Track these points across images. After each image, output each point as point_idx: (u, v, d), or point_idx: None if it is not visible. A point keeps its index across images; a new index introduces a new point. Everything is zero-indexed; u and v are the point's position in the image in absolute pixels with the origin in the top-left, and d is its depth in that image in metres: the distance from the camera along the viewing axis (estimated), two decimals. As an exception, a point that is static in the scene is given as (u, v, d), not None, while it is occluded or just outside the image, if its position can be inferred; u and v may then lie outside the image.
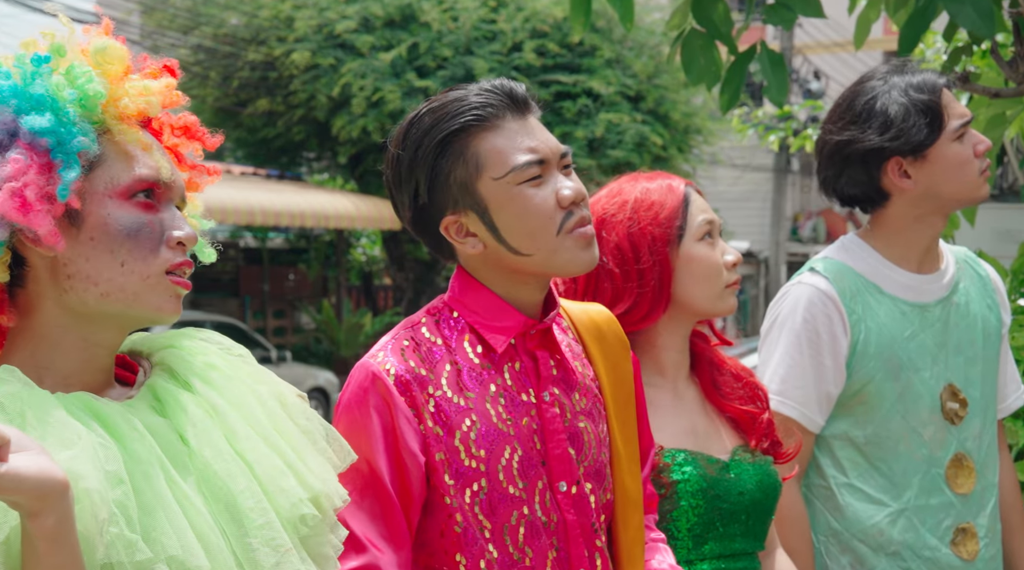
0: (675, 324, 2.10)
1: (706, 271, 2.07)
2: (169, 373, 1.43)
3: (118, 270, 1.33)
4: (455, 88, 1.73)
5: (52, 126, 1.31)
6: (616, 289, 2.06)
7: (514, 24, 15.51)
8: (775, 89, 2.86)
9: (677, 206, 2.07)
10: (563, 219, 1.68)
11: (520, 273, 1.73)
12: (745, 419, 2.13)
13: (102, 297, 1.33)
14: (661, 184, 2.11)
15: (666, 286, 2.06)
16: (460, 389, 1.70)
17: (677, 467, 2.02)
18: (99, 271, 1.33)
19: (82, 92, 1.32)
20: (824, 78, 22.06)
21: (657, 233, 2.06)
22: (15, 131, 1.31)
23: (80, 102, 1.32)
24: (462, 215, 1.70)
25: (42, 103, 1.31)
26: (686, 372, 2.15)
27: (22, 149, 1.30)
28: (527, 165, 1.67)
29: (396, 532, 1.66)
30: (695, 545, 2.01)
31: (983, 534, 2.45)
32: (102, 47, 1.37)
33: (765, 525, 2.10)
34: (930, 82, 2.41)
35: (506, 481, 1.68)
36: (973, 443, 2.46)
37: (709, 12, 2.80)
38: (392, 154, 1.73)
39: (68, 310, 1.34)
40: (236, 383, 1.43)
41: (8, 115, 1.31)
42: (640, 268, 2.05)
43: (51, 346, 1.35)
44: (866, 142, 2.40)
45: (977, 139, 2.42)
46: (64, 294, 1.33)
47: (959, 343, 2.47)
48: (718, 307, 2.09)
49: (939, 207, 2.45)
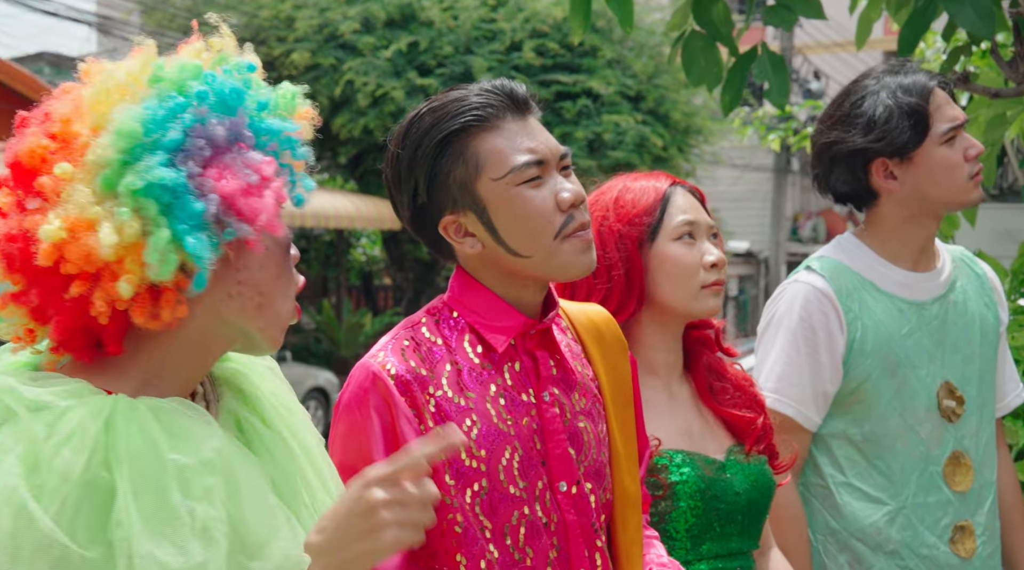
0: (658, 323, 2.11)
1: (679, 270, 2.07)
2: (239, 396, 1.41)
3: (276, 284, 1.34)
4: (456, 88, 1.73)
5: (281, 131, 1.32)
6: (588, 284, 2.08)
7: (514, 24, 15.51)
8: (776, 91, 2.86)
9: (651, 205, 2.09)
10: (563, 223, 1.68)
11: (519, 275, 1.73)
12: (741, 423, 2.13)
13: (258, 309, 1.33)
14: (643, 184, 2.12)
15: (636, 283, 2.07)
16: (460, 389, 1.70)
17: (675, 468, 2.02)
18: (266, 282, 1.33)
19: (288, 102, 1.34)
20: (824, 78, 22.06)
21: (625, 230, 2.08)
22: (240, 134, 1.30)
23: (289, 112, 1.35)
24: (461, 215, 1.70)
25: (267, 108, 1.32)
26: (679, 372, 2.16)
27: (250, 153, 1.30)
28: (526, 166, 1.67)
29: None
30: (693, 545, 2.02)
31: (981, 532, 2.46)
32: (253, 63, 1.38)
33: (760, 524, 2.11)
34: (920, 84, 2.40)
35: (507, 481, 1.68)
36: (971, 441, 2.46)
37: (709, 13, 2.80)
38: (392, 153, 1.73)
39: (219, 317, 1.32)
40: (295, 416, 1.44)
41: (242, 118, 1.30)
42: (608, 263, 2.07)
43: (185, 352, 1.33)
44: (850, 143, 2.41)
45: (969, 143, 2.42)
46: (228, 300, 1.32)
47: (956, 341, 2.47)
48: (693, 307, 2.09)
49: (928, 209, 2.45)
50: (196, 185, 1.26)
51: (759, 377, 2.43)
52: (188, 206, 1.24)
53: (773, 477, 2.14)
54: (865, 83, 2.45)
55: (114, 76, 1.30)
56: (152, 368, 1.31)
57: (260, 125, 1.31)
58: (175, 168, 1.25)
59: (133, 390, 1.29)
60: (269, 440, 1.37)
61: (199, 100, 1.28)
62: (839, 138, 2.43)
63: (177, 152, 1.26)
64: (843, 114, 2.44)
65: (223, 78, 1.31)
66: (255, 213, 1.27)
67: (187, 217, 1.25)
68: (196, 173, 1.26)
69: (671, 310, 2.09)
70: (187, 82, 1.30)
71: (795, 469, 2.42)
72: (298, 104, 1.38)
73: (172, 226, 1.24)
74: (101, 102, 1.28)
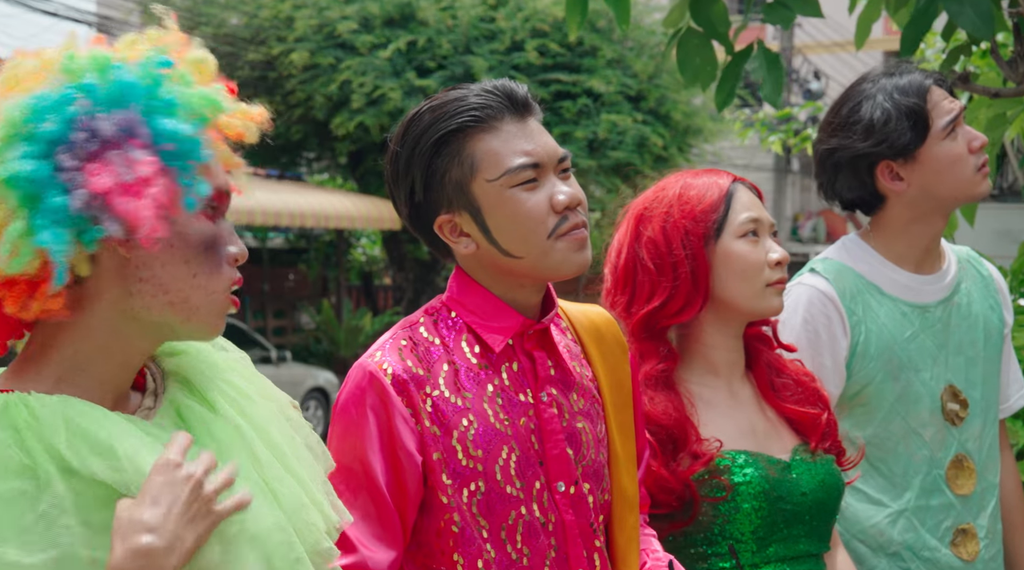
0: (721, 322, 2.08)
1: (744, 268, 2.04)
2: (186, 386, 1.40)
3: (189, 281, 1.31)
4: (457, 87, 1.73)
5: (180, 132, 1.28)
6: (652, 282, 2.04)
7: (514, 23, 15.51)
8: (770, 87, 2.85)
9: (716, 201, 2.05)
10: (556, 224, 1.68)
11: (514, 275, 1.72)
12: (805, 420, 2.10)
13: (168, 306, 1.31)
14: (705, 180, 2.08)
15: (702, 281, 2.04)
16: (458, 389, 1.69)
17: (738, 469, 1.99)
18: (173, 279, 1.30)
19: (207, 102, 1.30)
20: (824, 78, 22.06)
21: (691, 227, 2.04)
22: (133, 131, 1.27)
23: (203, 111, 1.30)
24: (456, 215, 1.70)
25: (171, 108, 1.28)
26: (741, 371, 2.13)
27: (140, 150, 1.26)
28: (521, 168, 1.67)
29: (388, 532, 1.66)
30: (759, 548, 1.99)
31: (983, 535, 2.45)
32: (202, 58, 1.34)
33: (829, 525, 2.08)
34: (916, 83, 2.40)
35: (503, 481, 1.68)
36: (974, 444, 2.45)
37: (707, 11, 2.80)
38: (392, 150, 1.74)
39: (124, 313, 1.31)
40: (252, 401, 1.42)
41: (134, 114, 1.27)
42: (673, 261, 2.03)
43: (95, 347, 1.31)
44: (851, 149, 2.40)
45: (971, 135, 2.41)
46: (130, 297, 1.30)
47: (960, 344, 2.47)
48: (758, 306, 2.06)
49: (937, 207, 2.44)
50: (66, 178, 1.23)
51: None
52: (50, 200, 1.22)
53: (842, 478, 2.10)
54: (861, 87, 2.44)
55: (25, 64, 1.29)
56: (64, 365, 1.30)
57: (157, 124, 1.27)
58: (46, 160, 1.23)
59: (49, 388, 1.29)
60: (212, 424, 1.35)
61: (86, 93, 1.25)
62: (840, 145, 2.42)
63: (56, 144, 1.23)
64: (842, 120, 2.43)
65: (122, 72, 1.28)
66: (128, 213, 1.23)
67: (49, 211, 1.22)
68: (72, 166, 1.23)
69: (735, 308, 2.06)
70: (84, 73, 1.27)
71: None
72: (225, 107, 1.33)
73: (31, 219, 1.22)
74: (5, 89, 1.27)
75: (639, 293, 2.05)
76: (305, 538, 1.36)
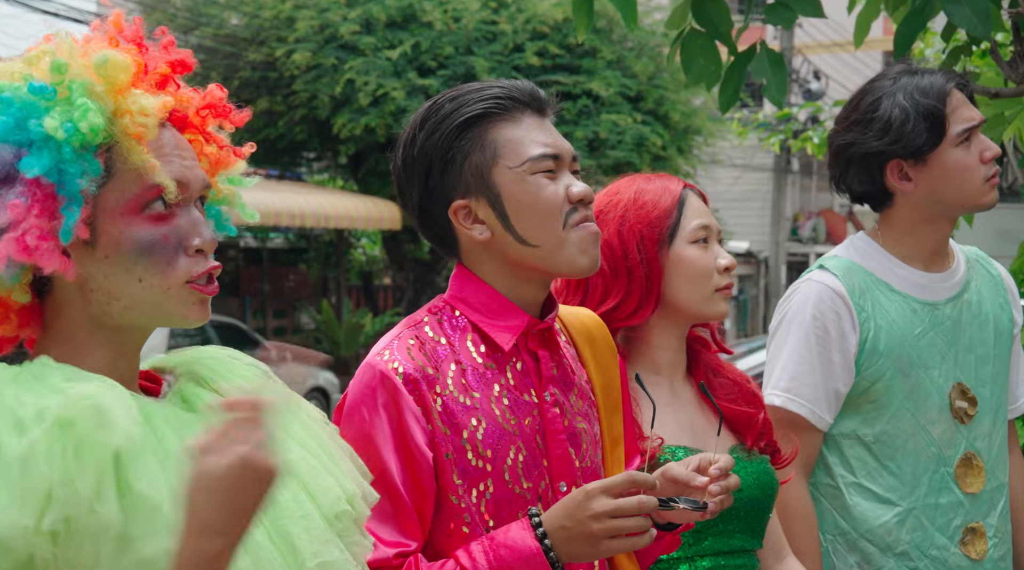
0: (668, 324, 2.12)
1: (695, 273, 2.08)
2: (196, 381, 1.42)
3: (136, 286, 1.33)
4: (476, 82, 1.78)
5: (51, 165, 1.28)
6: (606, 284, 2.08)
7: (515, 25, 15.53)
8: (775, 88, 2.85)
9: (669, 207, 2.09)
10: (568, 213, 1.71)
11: (523, 267, 1.73)
12: (741, 419, 2.14)
13: (125, 310, 1.34)
14: (658, 185, 2.13)
15: (655, 284, 2.08)
16: (465, 389, 1.70)
17: None
18: (119, 287, 1.33)
19: (77, 129, 1.29)
20: (824, 78, 22.06)
21: (647, 232, 2.08)
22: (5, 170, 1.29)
23: (77, 139, 1.29)
24: (472, 201, 1.72)
25: (41, 141, 1.29)
26: (682, 372, 2.16)
27: (25, 186, 1.28)
28: (542, 157, 1.71)
29: (408, 529, 1.66)
30: (695, 541, 2.02)
31: (992, 534, 2.45)
32: (103, 61, 1.33)
33: (763, 523, 2.11)
34: (937, 85, 2.39)
35: (512, 481, 1.68)
36: (983, 442, 2.45)
37: (709, 12, 2.80)
38: (407, 135, 1.75)
39: (92, 318, 1.35)
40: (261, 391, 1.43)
41: (8, 153, 1.29)
42: (628, 265, 2.07)
43: (78, 347, 1.35)
44: (866, 145, 2.40)
45: (985, 145, 2.40)
46: (89, 305, 1.34)
47: (970, 342, 2.46)
48: (706, 309, 2.10)
49: (943, 211, 2.44)
50: None
51: (770, 376, 2.43)
52: None
53: (776, 477, 2.14)
54: (882, 83, 2.44)
55: None
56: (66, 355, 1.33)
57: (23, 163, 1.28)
58: None
59: None
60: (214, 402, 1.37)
61: None
62: (855, 139, 2.42)
63: None
64: (859, 116, 2.43)
65: None
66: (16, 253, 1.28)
67: None
68: None
69: (683, 312, 2.10)
70: None
71: (806, 470, 2.42)
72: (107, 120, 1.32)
73: None
74: None
75: (591, 294, 2.09)
76: (319, 501, 1.37)
